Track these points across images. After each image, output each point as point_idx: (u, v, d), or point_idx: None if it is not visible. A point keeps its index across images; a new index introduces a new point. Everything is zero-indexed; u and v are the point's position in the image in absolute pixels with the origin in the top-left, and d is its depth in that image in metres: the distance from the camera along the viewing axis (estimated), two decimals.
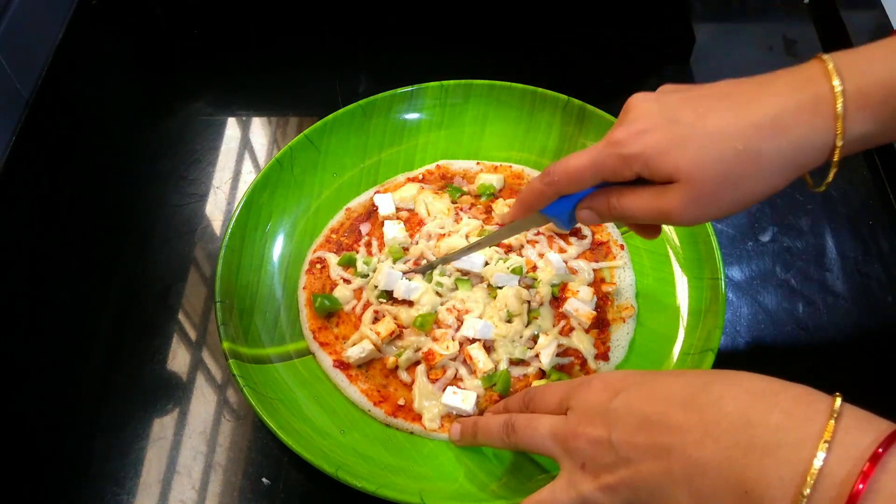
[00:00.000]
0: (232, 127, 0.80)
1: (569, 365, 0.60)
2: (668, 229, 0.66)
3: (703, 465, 0.38)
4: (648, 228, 0.53)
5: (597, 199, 0.49)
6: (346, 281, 0.65)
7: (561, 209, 0.51)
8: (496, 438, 0.51)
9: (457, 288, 0.63)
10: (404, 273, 0.64)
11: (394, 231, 0.66)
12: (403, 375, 0.60)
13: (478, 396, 0.58)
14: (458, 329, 0.61)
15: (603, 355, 0.61)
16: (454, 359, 0.60)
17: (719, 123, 0.44)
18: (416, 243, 0.66)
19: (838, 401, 0.36)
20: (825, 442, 0.34)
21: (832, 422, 0.35)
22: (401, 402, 0.59)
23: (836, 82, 0.42)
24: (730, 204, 0.45)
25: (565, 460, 0.45)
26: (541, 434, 0.46)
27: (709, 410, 0.39)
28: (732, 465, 0.37)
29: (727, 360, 0.62)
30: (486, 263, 0.64)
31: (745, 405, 0.38)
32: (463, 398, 0.57)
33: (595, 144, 0.48)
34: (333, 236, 0.68)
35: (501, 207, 0.68)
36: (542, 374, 0.60)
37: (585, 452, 0.43)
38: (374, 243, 0.67)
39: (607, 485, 0.42)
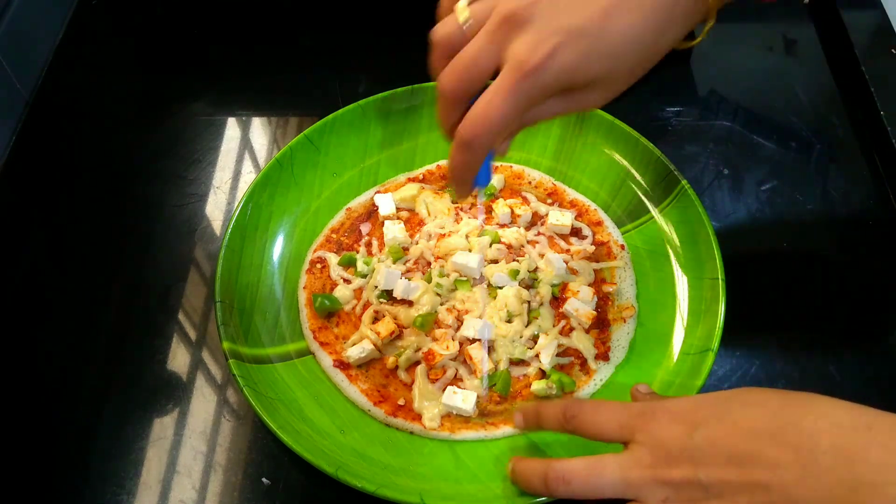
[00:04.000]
0: (232, 127, 0.80)
1: (569, 365, 0.60)
2: (668, 229, 0.66)
3: (808, 502, 0.38)
4: None
5: None
6: (347, 281, 0.65)
7: None
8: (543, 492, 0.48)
9: (456, 288, 0.63)
10: None
11: (394, 231, 0.66)
12: (403, 375, 0.60)
13: (478, 396, 0.58)
14: (458, 329, 0.61)
15: (603, 355, 0.61)
16: (454, 359, 0.60)
17: None
18: (416, 243, 0.66)
19: None
20: None
21: None
22: (401, 402, 0.59)
23: None
24: None
25: (642, 500, 0.44)
26: (609, 480, 0.44)
27: (803, 448, 0.39)
28: (838, 502, 0.37)
29: (727, 360, 0.62)
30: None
31: (841, 441, 0.38)
32: (463, 398, 0.57)
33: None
34: (333, 236, 0.68)
35: (502, 207, 0.68)
36: (542, 374, 0.60)
37: (668, 493, 0.42)
38: (375, 243, 0.67)
39: None
